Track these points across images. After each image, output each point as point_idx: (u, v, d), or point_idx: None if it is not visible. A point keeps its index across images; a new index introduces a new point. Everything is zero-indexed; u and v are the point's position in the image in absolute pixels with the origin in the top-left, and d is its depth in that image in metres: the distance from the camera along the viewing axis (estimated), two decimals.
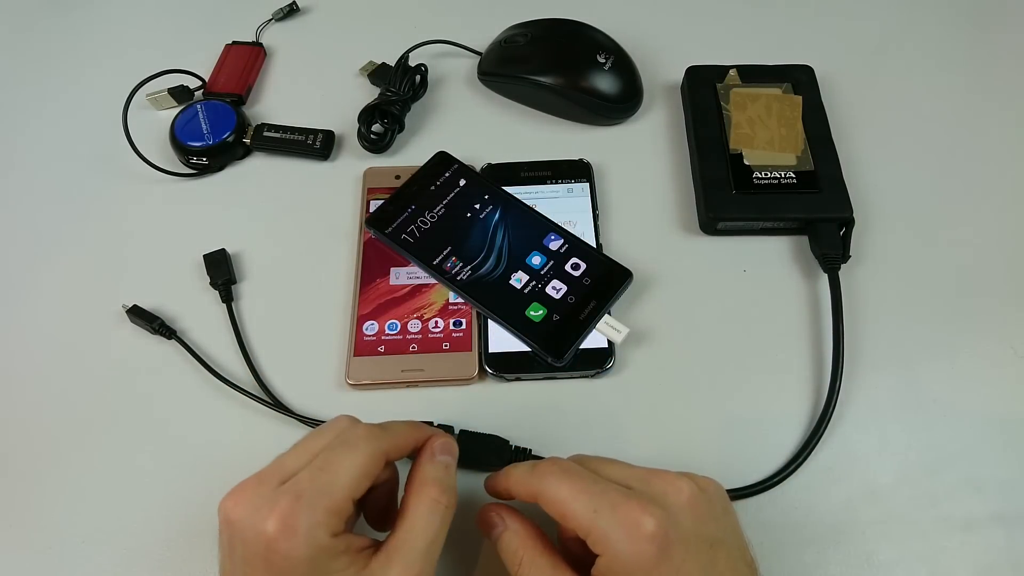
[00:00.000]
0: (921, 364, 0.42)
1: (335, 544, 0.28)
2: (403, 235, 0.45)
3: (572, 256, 0.44)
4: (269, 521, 0.27)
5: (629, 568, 0.28)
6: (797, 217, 0.46)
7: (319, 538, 0.28)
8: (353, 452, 0.30)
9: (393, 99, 0.51)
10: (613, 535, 0.28)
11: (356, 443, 0.30)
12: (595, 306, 0.42)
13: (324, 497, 0.28)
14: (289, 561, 0.27)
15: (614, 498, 0.29)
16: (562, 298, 0.42)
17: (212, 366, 0.42)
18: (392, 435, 0.32)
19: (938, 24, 0.58)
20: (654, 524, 0.28)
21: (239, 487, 0.29)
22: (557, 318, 0.42)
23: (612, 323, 0.42)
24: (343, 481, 0.29)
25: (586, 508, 0.29)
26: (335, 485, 0.29)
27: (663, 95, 0.54)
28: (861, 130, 0.51)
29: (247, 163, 0.52)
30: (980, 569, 0.37)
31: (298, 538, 0.27)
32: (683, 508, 0.29)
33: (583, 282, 0.43)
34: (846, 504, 0.38)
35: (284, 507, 0.28)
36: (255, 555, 0.28)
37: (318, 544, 0.28)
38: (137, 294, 0.45)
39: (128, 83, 0.51)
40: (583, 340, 0.42)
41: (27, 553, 0.38)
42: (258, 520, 0.28)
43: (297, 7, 0.60)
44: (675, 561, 0.28)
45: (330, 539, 0.28)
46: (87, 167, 0.52)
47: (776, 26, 0.58)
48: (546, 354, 0.41)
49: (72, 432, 0.41)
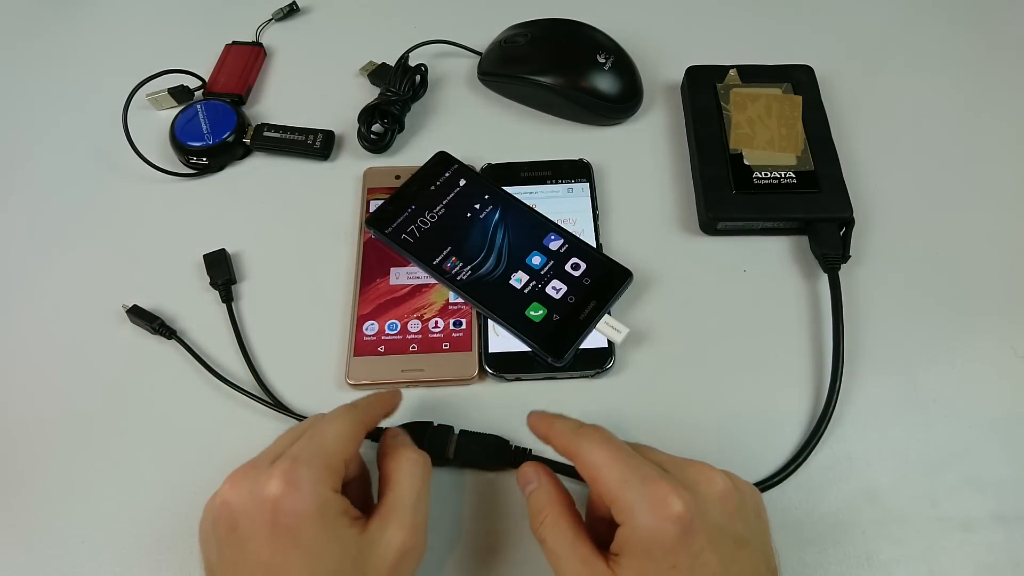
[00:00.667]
0: (921, 364, 0.42)
1: (339, 500, 0.29)
2: (403, 235, 0.45)
3: (572, 256, 0.44)
4: (271, 483, 0.28)
5: (647, 544, 0.28)
6: (797, 217, 0.46)
7: (323, 491, 0.29)
8: (334, 423, 0.32)
9: (393, 99, 0.51)
10: (638, 508, 0.28)
11: (335, 416, 0.33)
12: (595, 306, 0.42)
13: (320, 456, 0.30)
14: (297, 517, 0.28)
15: (647, 472, 0.29)
16: (562, 298, 0.42)
17: (212, 366, 0.42)
18: (362, 406, 0.34)
19: (938, 24, 0.58)
20: (682, 506, 0.28)
21: (232, 475, 0.30)
22: (557, 318, 0.42)
23: (612, 323, 0.42)
24: (334, 443, 0.31)
25: (618, 476, 0.29)
26: (327, 447, 0.31)
27: (663, 95, 0.54)
28: (861, 130, 0.51)
29: (247, 163, 0.52)
30: (980, 569, 0.37)
31: (303, 492, 0.28)
32: (714, 500, 0.29)
33: (583, 282, 0.43)
34: (846, 504, 0.38)
35: (284, 467, 0.29)
36: (260, 523, 0.28)
37: (323, 496, 0.29)
38: (137, 294, 0.45)
39: (128, 83, 0.51)
40: (583, 340, 0.42)
41: (27, 553, 0.38)
42: (259, 488, 0.28)
43: (297, 7, 0.60)
44: (694, 548, 0.28)
45: (333, 494, 0.29)
46: (87, 167, 0.52)
47: (776, 26, 0.58)
48: (546, 354, 0.41)
49: (72, 432, 0.41)
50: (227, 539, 0.29)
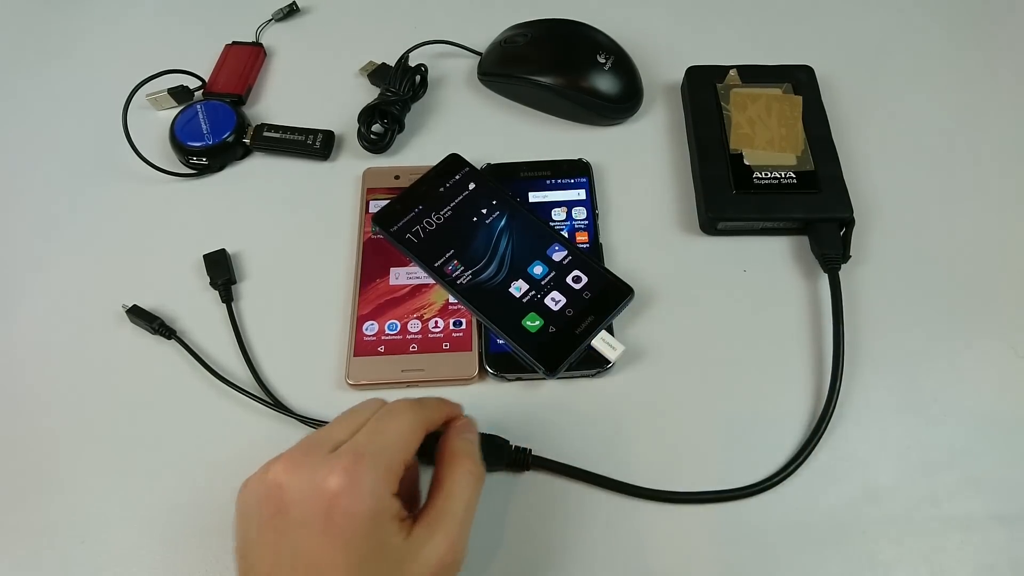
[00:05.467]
0: (921, 364, 0.42)
1: (394, 504, 0.29)
2: (407, 235, 0.45)
3: (574, 268, 0.43)
4: (332, 477, 0.28)
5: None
6: (797, 217, 0.46)
7: (382, 495, 0.29)
8: (400, 418, 0.31)
9: (393, 99, 0.51)
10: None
11: (401, 411, 0.32)
12: (593, 321, 0.41)
13: (383, 456, 0.29)
14: (350, 519, 0.28)
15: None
16: (560, 310, 0.42)
17: (212, 366, 0.42)
18: (428, 407, 0.33)
19: (938, 24, 0.58)
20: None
21: (289, 456, 0.30)
22: (553, 330, 0.41)
23: (608, 340, 0.41)
24: (397, 443, 0.30)
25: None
26: (390, 447, 0.30)
27: (663, 95, 0.54)
28: (861, 130, 0.51)
29: (247, 163, 0.52)
30: (980, 569, 0.37)
31: (363, 493, 0.28)
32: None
33: (583, 296, 0.43)
34: (846, 504, 0.38)
35: (347, 464, 0.28)
36: (315, 515, 0.28)
37: (381, 501, 0.28)
38: (137, 294, 0.45)
39: (128, 83, 0.51)
40: (578, 355, 0.41)
41: (27, 553, 0.38)
42: (319, 478, 0.28)
43: (297, 7, 0.60)
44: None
45: (391, 498, 0.29)
46: (87, 167, 0.52)
47: (776, 26, 0.58)
48: (539, 366, 0.40)
49: (72, 432, 0.41)
50: (271, 521, 0.29)
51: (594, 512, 0.38)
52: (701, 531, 0.38)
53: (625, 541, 0.38)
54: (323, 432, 0.31)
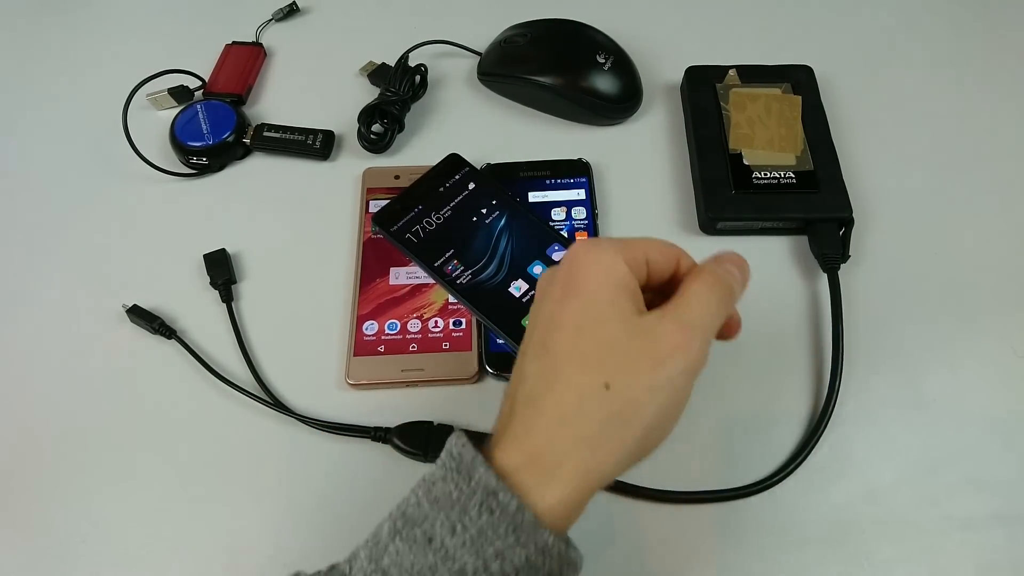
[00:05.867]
0: (921, 364, 0.42)
1: (628, 276, 0.30)
2: (407, 234, 0.45)
3: None
4: (580, 244, 0.30)
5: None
6: (797, 217, 0.46)
7: (621, 267, 0.29)
8: (665, 242, 0.32)
9: (393, 99, 0.51)
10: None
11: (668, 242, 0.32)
12: None
13: (633, 242, 0.31)
14: (588, 279, 0.29)
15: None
16: None
17: (212, 366, 0.42)
18: (686, 254, 0.32)
19: (938, 24, 0.58)
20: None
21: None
22: None
23: None
24: (651, 243, 0.31)
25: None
26: (643, 242, 0.31)
27: (663, 95, 0.54)
28: (861, 130, 0.51)
29: (247, 163, 0.52)
30: (980, 569, 0.37)
31: (602, 259, 0.29)
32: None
33: None
34: (846, 504, 0.38)
35: (595, 240, 0.31)
36: (562, 279, 0.30)
37: (618, 268, 0.29)
38: (137, 294, 0.45)
39: (128, 83, 0.51)
40: None
41: (27, 553, 0.38)
42: (573, 250, 0.30)
43: (297, 7, 0.60)
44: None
45: (630, 275, 0.30)
46: (87, 167, 0.52)
47: (776, 26, 0.58)
48: None
49: (72, 432, 0.41)
50: (540, 294, 0.31)
51: (594, 512, 0.38)
52: (701, 531, 0.38)
53: (625, 541, 0.38)
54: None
